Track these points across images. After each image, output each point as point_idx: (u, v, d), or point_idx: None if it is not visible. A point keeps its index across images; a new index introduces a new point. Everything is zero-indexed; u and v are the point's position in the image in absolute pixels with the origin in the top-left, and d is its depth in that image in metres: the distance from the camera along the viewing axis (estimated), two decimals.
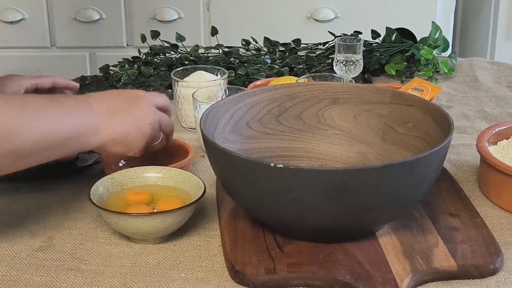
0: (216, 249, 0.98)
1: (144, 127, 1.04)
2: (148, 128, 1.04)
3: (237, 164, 0.91)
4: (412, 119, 1.07)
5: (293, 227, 0.94)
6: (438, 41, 1.69)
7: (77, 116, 0.98)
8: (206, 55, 1.66)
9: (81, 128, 0.98)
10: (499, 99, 1.54)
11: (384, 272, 0.89)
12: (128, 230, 0.97)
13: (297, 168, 0.89)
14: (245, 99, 1.10)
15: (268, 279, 0.89)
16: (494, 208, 1.08)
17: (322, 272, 0.90)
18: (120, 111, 1.02)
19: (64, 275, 0.92)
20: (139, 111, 1.04)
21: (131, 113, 1.03)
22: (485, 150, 1.10)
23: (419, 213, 1.03)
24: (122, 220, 0.96)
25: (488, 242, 0.96)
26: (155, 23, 2.42)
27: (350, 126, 1.13)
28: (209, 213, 1.07)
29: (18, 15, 2.44)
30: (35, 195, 1.13)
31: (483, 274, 0.92)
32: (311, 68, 1.65)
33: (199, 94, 1.27)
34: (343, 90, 1.13)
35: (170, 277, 0.92)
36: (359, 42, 1.51)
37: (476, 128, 1.38)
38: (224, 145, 0.98)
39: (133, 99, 1.05)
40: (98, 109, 1.00)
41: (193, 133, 1.35)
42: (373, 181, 0.87)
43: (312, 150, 1.13)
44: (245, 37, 1.72)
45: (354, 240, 0.95)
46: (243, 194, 0.95)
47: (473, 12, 2.72)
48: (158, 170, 1.07)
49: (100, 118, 1.00)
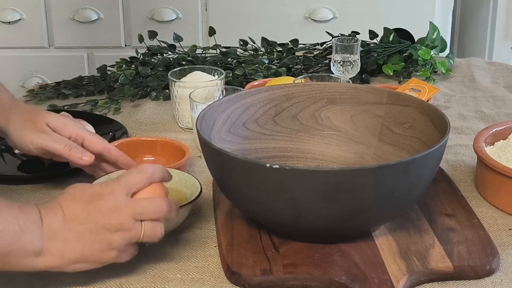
0: (212, 250, 0.98)
1: (110, 237, 0.86)
2: (116, 237, 0.87)
3: (233, 164, 0.91)
4: (409, 120, 1.07)
5: (289, 227, 0.94)
6: (435, 42, 1.69)
7: (13, 230, 0.83)
8: (204, 56, 1.66)
9: (14, 245, 0.83)
10: (496, 99, 1.54)
11: (380, 273, 0.89)
12: None
13: (293, 168, 0.89)
14: (241, 99, 1.10)
15: (264, 280, 0.89)
16: (491, 209, 1.08)
17: (318, 273, 0.90)
18: (78, 225, 0.86)
19: (60, 275, 0.92)
20: (103, 218, 0.86)
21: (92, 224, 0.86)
22: (482, 151, 1.10)
23: (415, 214, 1.03)
24: None
25: (484, 242, 0.96)
26: (153, 23, 2.42)
27: (347, 127, 1.13)
28: (205, 213, 1.07)
29: (16, 15, 2.44)
30: (31, 195, 1.13)
31: (480, 275, 0.92)
32: (308, 69, 1.65)
33: (196, 94, 1.27)
34: (340, 90, 1.13)
35: (166, 277, 0.92)
36: (357, 43, 1.51)
37: (473, 128, 1.38)
38: (220, 146, 0.98)
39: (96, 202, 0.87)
40: (50, 224, 0.85)
41: (190, 134, 1.35)
42: (369, 182, 0.87)
43: (309, 150, 1.13)
44: (243, 37, 1.72)
45: (350, 241, 0.95)
46: (239, 194, 0.95)
47: (472, 13, 2.72)
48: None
49: (50, 237, 0.85)
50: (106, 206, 0.87)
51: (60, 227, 0.86)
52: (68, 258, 0.87)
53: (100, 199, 0.87)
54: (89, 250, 0.87)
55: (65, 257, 0.86)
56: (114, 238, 0.87)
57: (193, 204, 0.99)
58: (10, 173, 1.20)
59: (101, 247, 0.87)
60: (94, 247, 0.87)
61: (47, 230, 0.85)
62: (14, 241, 0.83)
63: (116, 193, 0.88)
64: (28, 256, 0.85)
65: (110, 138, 1.29)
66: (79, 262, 0.88)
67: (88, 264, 0.88)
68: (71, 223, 0.86)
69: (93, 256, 0.88)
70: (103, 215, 0.87)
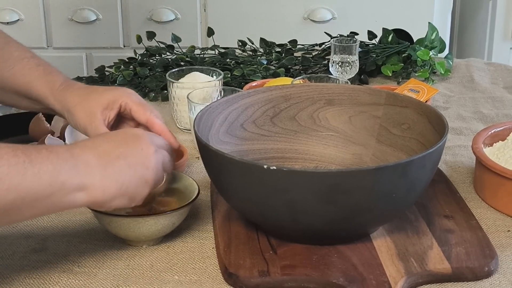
0: (210, 251, 0.98)
1: (147, 174, 0.91)
2: (151, 174, 0.92)
3: (231, 166, 0.91)
4: (407, 121, 1.07)
5: (287, 229, 0.94)
6: (434, 42, 1.69)
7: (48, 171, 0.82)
8: (202, 56, 1.66)
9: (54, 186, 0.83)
10: (495, 100, 1.54)
11: (378, 275, 0.89)
12: (121, 232, 0.97)
13: (291, 170, 0.88)
14: (239, 100, 1.10)
15: (262, 282, 0.89)
16: (490, 210, 1.08)
17: (316, 275, 0.90)
18: (116, 159, 0.89)
19: (57, 277, 0.92)
20: (140, 155, 0.91)
21: (130, 159, 0.90)
22: (480, 152, 1.10)
23: (413, 215, 1.02)
24: (115, 222, 0.96)
25: (483, 244, 0.96)
26: (151, 23, 2.42)
27: (345, 128, 1.13)
28: (203, 215, 1.07)
29: (15, 16, 2.44)
30: None
31: (478, 277, 0.91)
32: (307, 69, 1.65)
33: (194, 95, 1.27)
34: (338, 91, 1.13)
35: (164, 279, 0.92)
36: (355, 43, 1.51)
37: (472, 129, 1.38)
38: (218, 147, 0.98)
39: (131, 142, 0.92)
40: (86, 161, 0.87)
41: (188, 135, 1.35)
42: (367, 183, 0.87)
43: (307, 151, 1.13)
44: (242, 38, 1.72)
45: (348, 242, 0.95)
46: (236, 196, 0.95)
47: (471, 13, 2.72)
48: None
49: (88, 172, 0.86)
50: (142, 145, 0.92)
51: (97, 163, 0.87)
52: (109, 193, 0.88)
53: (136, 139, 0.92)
54: (128, 184, 0.89)
55: (106, 191, 0.87)
56: (149, 175, 0.91)
57: (191, 205, 0.99)
58: None
59: (138, 182, 0.90)
60: (132, 182, 0.89)
61: (83, 166, 0.86)
62: (52, 181, 0.83)
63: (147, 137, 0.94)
64: (71, 193, 0.85)
65: None
66: (119, 197, 0.89)
67: (126, 200, 0.90)
68: (108, 158, 0.88)
69: (131, 191, 0.90)
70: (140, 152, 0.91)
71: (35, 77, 1.09)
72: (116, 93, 1.07)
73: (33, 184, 0.81)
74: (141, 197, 0.92)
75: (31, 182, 0.81)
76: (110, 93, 1.07)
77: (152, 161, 0.92)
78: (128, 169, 0.89)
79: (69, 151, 0.87)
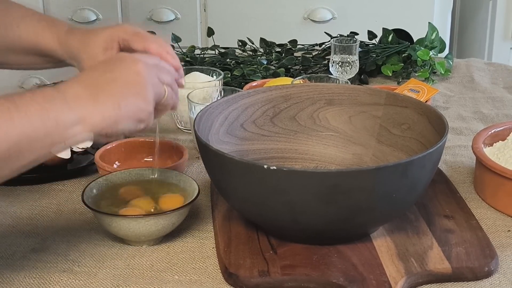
0: (210, 251, 0.98)
1: (142, 89, 0.88)
2: (147, 89, 0.88)
3: (231, 166, 0.91)
4: (407, 121, 1.07)
5: (287, 229, 0.94)
6: (434, 42, 1.69)
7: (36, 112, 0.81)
8: (202, 56, 1.66)
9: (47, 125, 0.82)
10: (495, 100, 1.54)
11: (378, 275, 0.89)
12: (121, 232, 0.97)
13: (291, 170, 0.88)
14: (239, 100, 1.10)
15: (262, 282, 0.89)
16: (490, 210, 1.08)
17: (316, 275, 0.90)
18: (106, 85, 0.86)
19: (57, 277, 0.92)
20: (128, 73, 0.88)
21: (120, 80, 0.87)
22: (480, 152, 1.10)
23: (414, 215, 1.02)
24: (115, 222, 0.96)
25: (483, 244, 0.96)
26: (151, 23, 2.42)
27: (345, 128, 1.13)
28: (203, 215, 1.07)
29: None
30: (29, 197, 1.13)
31: (478, 277, 0.91)
32: (307, 69, 1.65)
33: (194, 95, 1.27)
34: (338, 91, 1.13)
35: (164, 279, 0.92)
36: (355, 43, 1.51)
37: (472, 129, 1.38)
38: (218, 147, 0.98)
39: (117, 64, 0.89)
40: (75, 94, 0.85)
41: (189, 134, 1.35)
42: (367, 183, 0.87)
43: (307, 151, 1.13)
44: (242, 38, 1.72)
45: (348, 242, 0.95)
46: (236, 196, 0.95)
47: (471, 13, 2.72)
48: (152, 172, 1.07)
49: (80, 104, 0.84)
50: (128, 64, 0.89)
51: (86, 93, 0.85)
52: (109, 117, 0.86)
53: (121, 61, 0.89)
54: (126, 104, 0.87)
55: (105, 117, 0.86)
56: (145, 90, 0.88)
57: (190, 205, 0.99)
58: None
59: (136, 100, 0.88)
60: (130, 101, 0.87)
61: (73, 100, 0.84)
62: (43, 121, 0.81)
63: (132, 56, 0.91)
64: (68, 128, 0.83)
65: None
66: (123, 120, 0.87)
67: (133, 121, 0.88)
68: (97, 86, 0.86)
69: (132, 110, 0.87)
70: (128, 71, 0.88)
71: (41, 32, 1.08)
72: (111, 31, 1.05)
73: (23, 128, 0.80)
74: (147, 115, 0.89)
75: (21, 127, 0.79)
76: (105, 32, 1.05)
77: (143, 75, 0.89)
78: (120, 90, 0.87)
79: (55, 88, 0.85)
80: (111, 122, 0.86)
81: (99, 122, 0.86)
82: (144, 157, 1.20)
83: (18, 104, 0.81)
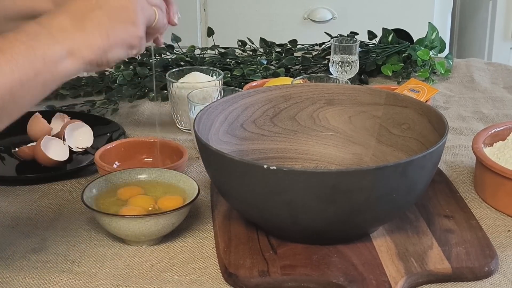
0: (210, 251, 0.98)
1: (130, 14, 0.85)
2: (135, 13, 0.86)
3: (231, 166, 0.91)
4: (407, 121, 1.07)
5: (287, 229, 0.94)
6: (434, 42, 1.69)
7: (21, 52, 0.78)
8: (202, 56, 1.66)
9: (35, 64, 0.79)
10: (495, 100, 1.54)
11: (378, 275, 0.89)
12: (121, 232, 0.97)
13: (290, 170, 0.88)
14: (239, 100, 1.10)
15: (262, 282, 0.89)
16: (490, 210, 1.08)
17: (316, 274, 0.90)
18: (91, 12, 0.83)
19: (57, 277, 0.92)
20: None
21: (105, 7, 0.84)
22: (480, 152, 1.10)
23: (414, 215, 1.02)
24: (115, 222, 0.96)
25: (483, 244, 0.96)
26: None
27: (345, 128, 1.13)
28: (203, 215, 1.06)
29: None
30: (28, 197, 1.13)
31: (478, 277, 0.91)
32: (307, 69, 1.65)
33: (194, 95, 1.27)
34: (338, 91, 1.13)
35: (164, 279, 0.92)
36: (355, 43, 1.51)
37: (472, 129, 1.38)
38: (218, 147, 0.98)
39: None
40: (59, 26, 0.82)
41: (189, 134, 1.35)
42: (367, 183, 0.87)
43: (307, 151, 1.13)
44: (242, 37, 1.72)
45: (348, 242, 0.95)
46: (236, 196, 0.95)
47: (471, 13, 2.72)
48: (152, 172, 1.07)
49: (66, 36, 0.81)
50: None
51: (72, 24, 0.82)
52: (97, 47, 0.83)
53: None
54: (114, 32, 0.84)
55: (93, 47, 0.83)
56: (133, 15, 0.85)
57: (190, 205, 0.99)
58: (7, 174, 1.20)
59: (125, 26, 0.85)
60: (118, 28, 0.84)
61: (58, 32, 0.81)
62: (31, 60, 0.79)
63: None
64: (58, 64, 0.81)
65: (108, 139, 1.29)
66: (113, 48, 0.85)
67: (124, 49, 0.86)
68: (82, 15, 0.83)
69: (122, 36, 0.85)
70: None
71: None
72: None
73: (13, 73, 0.78)
74: (138, 40, 0.87)
75: (9, 71, 0.77)
76: None
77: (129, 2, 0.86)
78: (107, 17, 0.84)
79: (37, 23, 0.82)
80: (101, 52, 0.84)
81: (89, 54, 0.83)
82: (144, 157, 1.20)
83: (2, 47, 0.78)
